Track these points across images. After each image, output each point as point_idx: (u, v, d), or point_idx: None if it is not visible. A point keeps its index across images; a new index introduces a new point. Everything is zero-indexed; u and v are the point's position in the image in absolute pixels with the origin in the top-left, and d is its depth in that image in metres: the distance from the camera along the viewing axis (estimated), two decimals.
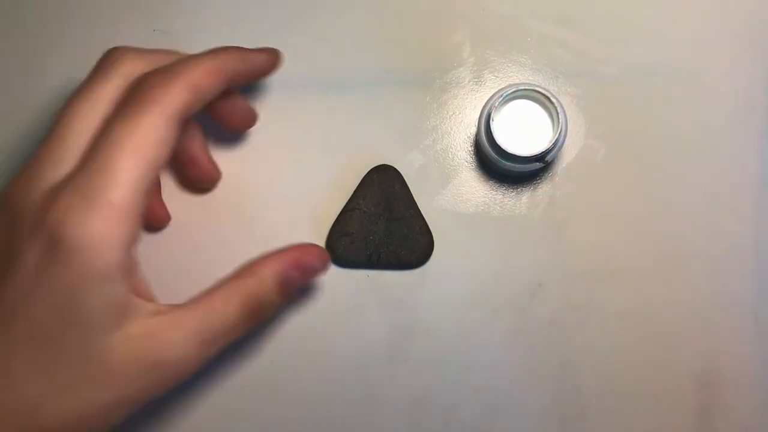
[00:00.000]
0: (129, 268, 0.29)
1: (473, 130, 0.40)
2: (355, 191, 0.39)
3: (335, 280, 0.38)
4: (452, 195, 0.39)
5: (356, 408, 0.38)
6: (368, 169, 0.39)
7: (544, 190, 0.39)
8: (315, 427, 0.38)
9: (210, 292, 0.31)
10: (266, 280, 0.32)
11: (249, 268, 0.32)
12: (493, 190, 0.40)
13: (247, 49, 0.34)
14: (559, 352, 0.38)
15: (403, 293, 0.39)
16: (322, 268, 0.34)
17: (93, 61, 0.41)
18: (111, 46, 0.40)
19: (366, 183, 0.39)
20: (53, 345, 0.27)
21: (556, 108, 0.36)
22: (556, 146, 0.36)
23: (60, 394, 0.28)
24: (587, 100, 0.40)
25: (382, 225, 0.38)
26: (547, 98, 0.36)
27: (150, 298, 0.31)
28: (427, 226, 0.39)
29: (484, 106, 0.37)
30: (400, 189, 0.39)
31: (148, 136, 0.28)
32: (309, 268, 0.34)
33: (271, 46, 0.36)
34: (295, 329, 0.39)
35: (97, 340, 0.28)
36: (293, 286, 0.33)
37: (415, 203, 0.39)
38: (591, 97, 0.40)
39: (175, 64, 0.31)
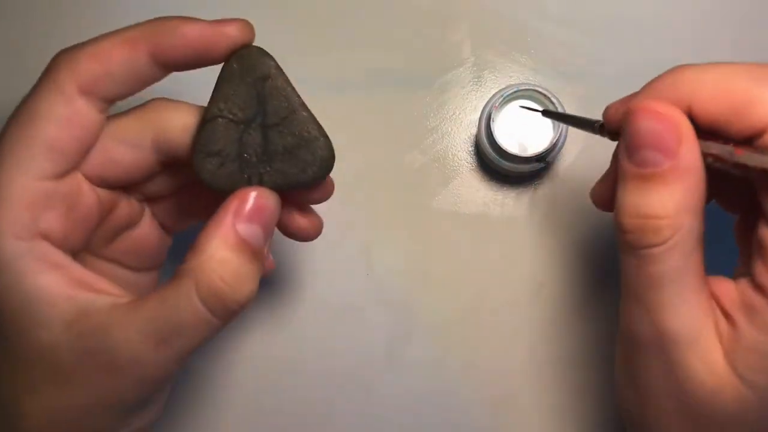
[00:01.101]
0: (48, 259, 0.25)
1: (473, 130, 0.40)
2: (213, 90, 0.28)
3: (334, 278, 0.39)
4: (453, 195, 0.39)
5: (356, 408, 0.38)
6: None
7: (544, 190, 0.39)
8: (315, 427, 0.38)
9: (164, 283, 0.25)
10: (218, 252, 0.25)
11: (193, 247, 0.25)
12: (493, 190, 0.40)
13: (192, 19, 0.27)
14: (559, 352, 0.38)
15: (403, 292, 0.39)
16: (276, 202, 0.27)
17: None
18: None
19: (226, 78, 0.27)
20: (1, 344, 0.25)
21: (556, 108, 0.36)
22: (556, 146, 0.36)
23: (25, 395, 0.25)
24: (587, 100, 0.40)
25: (257, 135, 0.27)
26: (547, 98, 0.36)
27: (110, 292, 0.26)
28: (320, 127, 0.28)
29: (485, 107, 0.37)
30: (275, 80, 0.27)
31: (37, 112, 0.25)
32: (263, 211, 0.26)
33: (270, 45, 0.36)
34: (295, 328, 0.39)
35: (41, 337, 0.25)
36: (260, 244, 0.26)
37: (298, 97, 0.28)
38: (591, 97, 0.40)
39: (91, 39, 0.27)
